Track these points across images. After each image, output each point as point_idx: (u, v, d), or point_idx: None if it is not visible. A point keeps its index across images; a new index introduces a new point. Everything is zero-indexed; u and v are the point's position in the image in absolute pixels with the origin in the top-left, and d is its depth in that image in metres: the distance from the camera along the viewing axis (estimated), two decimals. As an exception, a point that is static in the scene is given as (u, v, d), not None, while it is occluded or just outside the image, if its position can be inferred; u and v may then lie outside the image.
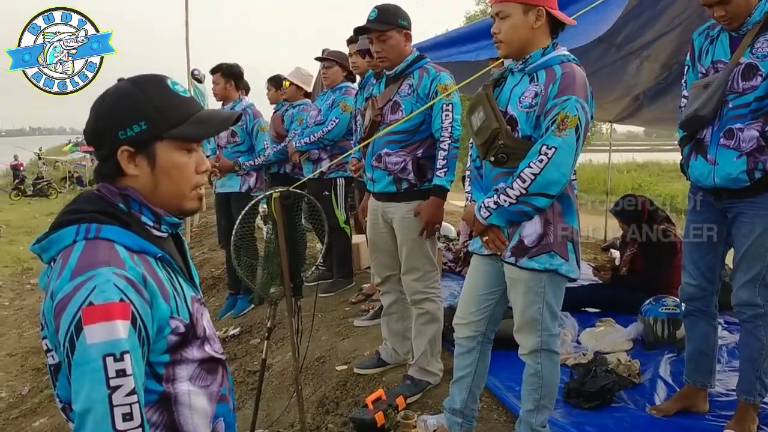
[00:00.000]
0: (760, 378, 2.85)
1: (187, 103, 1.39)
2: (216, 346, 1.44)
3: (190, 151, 1.39)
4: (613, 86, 5.73)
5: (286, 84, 6.00)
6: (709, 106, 2.71)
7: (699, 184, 2.88)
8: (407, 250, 3.40)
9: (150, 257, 1.31)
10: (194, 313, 1.36)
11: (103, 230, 1.27)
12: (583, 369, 3.33)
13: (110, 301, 1.17)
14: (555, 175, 2.34)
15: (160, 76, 1.40)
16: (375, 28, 3.27)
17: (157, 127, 1.33)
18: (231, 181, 5.50)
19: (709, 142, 2.78)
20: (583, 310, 4.71)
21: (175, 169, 1.37)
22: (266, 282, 3.25)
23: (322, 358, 4.22)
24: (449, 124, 3.22)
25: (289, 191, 3.02)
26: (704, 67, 2.85)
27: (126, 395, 1.15)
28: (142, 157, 1.33)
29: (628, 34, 4.49)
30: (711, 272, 2.97)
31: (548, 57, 2.45)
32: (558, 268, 2.46)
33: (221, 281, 6.94)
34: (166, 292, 1.29)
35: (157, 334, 1.26)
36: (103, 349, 1.14)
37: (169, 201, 1.39)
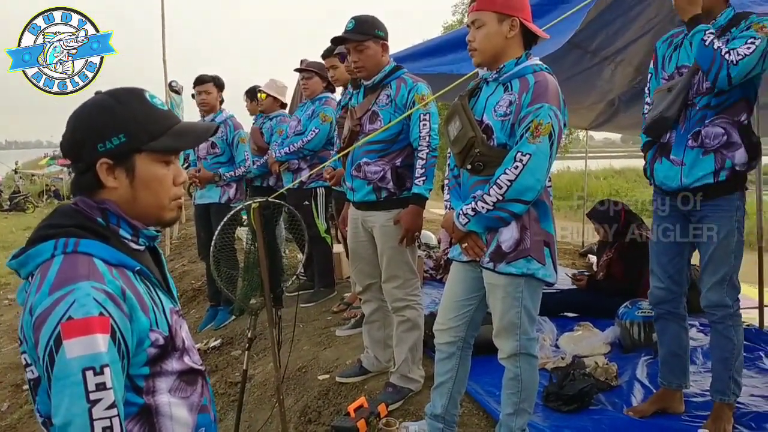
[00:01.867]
0: (732, 377, 2.92)
1: (165, 116, 1.41)
2: (195, 357, 1.45)
3: (168, 163, 1.41)
4: (588, 92, 5.82)
5: (261, 96, 6.02)
6: (674, 108, 2.80)
7: (664, 188, 2.95)
8: (387, 258, 3.43)
9: (128, 270, 1.32)
10: (173, 325, 1.37)
11: (82, 244, 1.27)
12: (562, 373, 3.37)
13: (89, 315, 1.17)
14: (530, 181, 2.39)
15: (138, 89, 1.41)
16: (352, 38, 3.31)
17: (137, 140, 1.34)
18: (210, 192, 5.49)
19: (673, 143, 2.86)
20: (561, 315, 4.77)
21: (154, 181, 1.38)
22: (246, 293, 3.25)
23: (303, 368, 4.23)
24: (427, 133, 3.27)
25: (268, 201, 3.04)
26: (668, 73, 2.94)
27: (106, 408, 1.16)
28: (121, 170, 1.35)
29: (602, 41, 4.58)
30: (678, 275, 3.04)
31: (521, 66, 2.51)
32: (535, 272, 2.50)
33: (201, 293, 6.90)
34: (145, 305, 1.30)
35: (136, 347, 1.27)
36: (83, 362, 1.15)
37: (148, 212, 1.40)
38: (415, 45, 4.84)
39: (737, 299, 2.90)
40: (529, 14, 2.56)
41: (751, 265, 4.36)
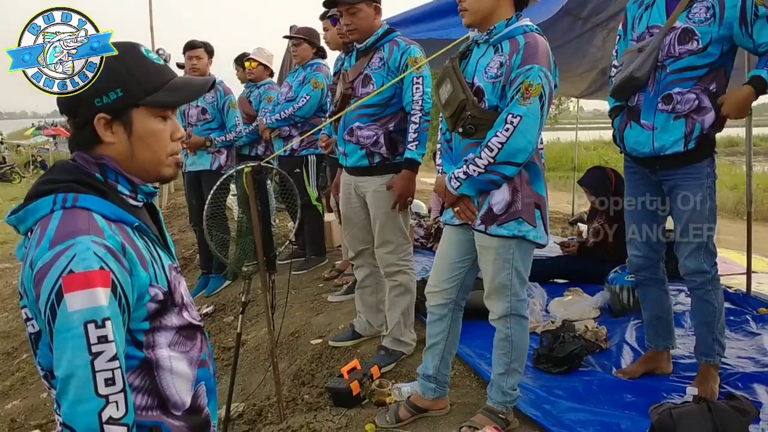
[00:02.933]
0: (716, 339, 2.97)
1: (162, 71, 1.40)
2: (194, 313, 1.47)
3: (165, 119, 1.40)
4: (579, 59, 5.81)
5: (252, 64, 5.97)
6: (644, 68, 2.77)
7: (635, 154, 2.94)
8: (380, 223, 3.44)
9: (127, 226, 1.32)
10: (172, 281, 1.38)
11: (81, 199, 1.27)
12: (552, 335, 3.42)
13: (90, 268, 1.18)
14: (521, 143, 2.40)
15: (134, 44, 1.40)
16: (344, 1, 3.27)
17: (133, 95, 1.34)
18: (201, 159, 5.47)
19: (641, 107, 2.84)
20: (552, 281, 4.82)
21: (151, 136, 1.38)
22: (240, 257, 3.26)
23: (296, 333, 4.26)
24: (420, 97, 3.26)
25: (260, 165, 3.03)
26: (638, 34, 2.90)
27: (108, 361, 1.17)
28: (119, 125, 1.34)
29: (594, 7, 4.56)
30: (654, 242, 3.07)
31: (512, 28, 2.50)
32: (526, 234, 2.52)
33: (192, 262, 6.92)
34: (145, 260, 1.30)
35: (136, 301, 1.28)
36: (85, 315, 1.16)
37: (146, 168, 1.40)
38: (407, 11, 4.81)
39: (714, 264, 2.94)
40: None
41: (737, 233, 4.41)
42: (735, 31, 2.68)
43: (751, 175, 4.58)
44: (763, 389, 2.99)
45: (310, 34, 5.22)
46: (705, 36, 2.68)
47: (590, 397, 3.00)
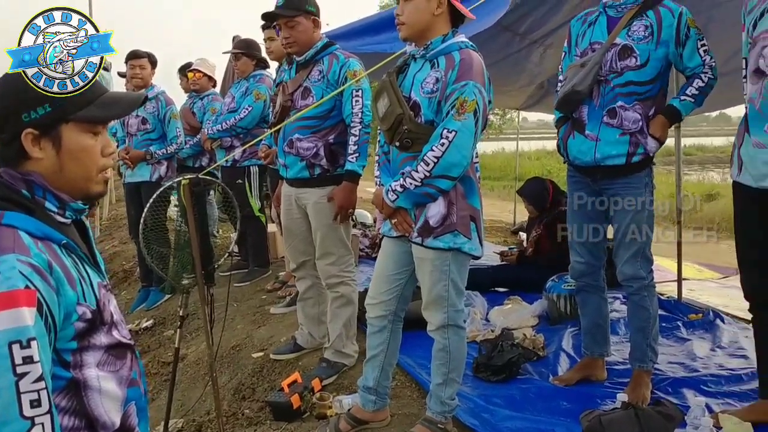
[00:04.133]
0: (650, 345, 3.08)
1: (93, 86, 1.39)
2: (123, 331, 1.44)
3: (96, 134, 1.38)
4: (518, 74, 5.94)
5: (192, 75, 5.91)
6: (585, 82, 2.88)
7: (577, 162, 3.05)
8: (321, 235, 3.44)
9: (54, 244, 1.29)
10: (101, 299, 1.35)
11: (6, 216, 1.24)
12: (491, 344, 3.48)
13: (15, 288, 1.15)
14: (456, 157, 2.44)
15: None
16: (283, 14, 3.28)
17: (63, 110, 1.32)
18: (141, 171, 5.37)
19: (586, 119, 2.96)
20: (492, 290, 4.89)
21: (81, 152, 1.36)
22: (178, 271, 3.22)
23: (237, 347, 4.22)
24: (359, 109, 3.29)
25: (198, 177, 3.00)
26: (581, 50, 3.02)
27: (33, 382, 1.15)
28: (47, 140, 1.32)
29: (531, 24, 4.67)
30: (596, 249, 3.17)
31: (448, 44, 2.55)
32: (461, 246, 2.57)
33: (132, 274, 6.77)
34: (72, 278, 1.28)
35: (63, 320, 1.25)
36: (9, 336, 1.13)
37: (75, 185, 1.38)
38: (349, 24, 4.84)
39: (651, 270, 3.05)
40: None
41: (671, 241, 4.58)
42: (671, 51, 2.83)
43: (681, 185, 4.77)
44: (692, 393, 3.09)
45: (248, 47, 5.22)
46: (643, 53, 2.82)
47: (527, 404, 3.06)
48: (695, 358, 3.60)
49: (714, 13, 3.83)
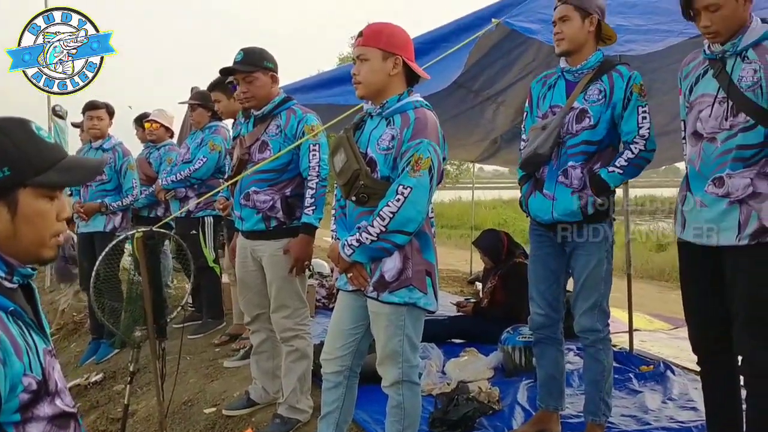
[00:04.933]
0: (603, 399, 3.11)
1: (52, 149, 1.36)
2: (67, 399, 1.40)
3: (52, 198, 1.36)
4: (472, 129, 6.08)
5: (153, 126, 5.90)
6: (546, 145, 2.99)
7: (538, 219, 3.14)
8: (276, 287, 3.42)
9: (1, 312, 1.26)
10: (46, 367, 1.31)
11: None
12: (447, 398, 3.47)
13: None
14: (412, 212, 2.48)
15: (24, 119, 1.36)
16: (241, 69, 3.33)
17: (22, 174, 1.29)
18: (95, 221, 5.27)
19: (545, 179, 3.06)
20: (449, 341, 4.90)
21: (37, 217, 1.33)
22: (129, 325, 3.16)
23: (190, 402, 4.11)
24: (316, 163, 3.33)
25: (152, 231, 2.98)
26: (542, 112, 3.14)
27: None
28: (2, 204, 1.29)
29: (484, 81, 4.83)
30: (556, 301, 3.22)
31: (403, 102, 2.62)
32: (417, 301, 2.59)
33: (83, 326, 6.57)
34: (19, 348, 1.24)
35: (9, 393, 1.21)
36: None
37: (28, 249, 1.35)
38: (305, 78, 4.93)
39: (607, 324, 3.11)
40: (412, 54, 2.68)
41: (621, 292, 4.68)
42: (616, 113, 2.95)
43: (629, 239, 4.90)
44: (643, 446, 3.13)
45: (204, 99, 5.25)
46: (596, 114, 2.94)
47: (483, 460, 3.05)
48: (647, 410, 3.65)
49: (657, 75, 4.01)
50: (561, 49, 2.98)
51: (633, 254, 5.03)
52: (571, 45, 2.95)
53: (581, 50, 2.97)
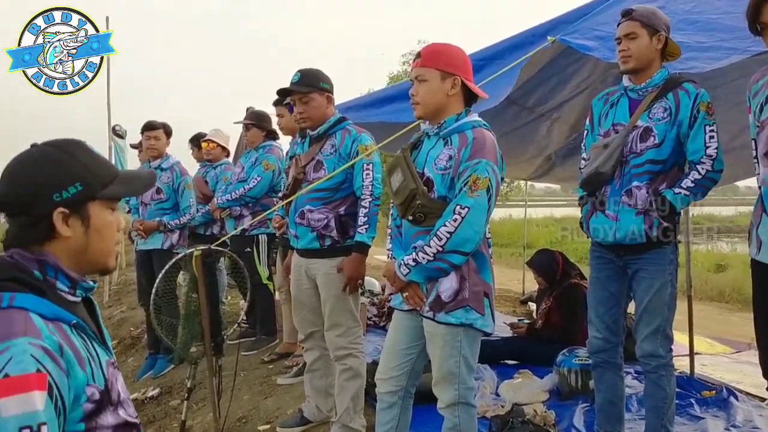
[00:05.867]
0: (665, 426, 3.01)
1: (109, 164, 1.46)
2: (130, 410, 1.43)
3: (113, 210, 1.44)
4: (526, 146, 6.03)
5: (206, 145, 6.03)
6: (609, 164, 2.93)
7: (599, 241, 3.07)
8: (330, 306, 3.44)
9: (65, 324, 1.29)
10: (109, 378, 1.35)
11: (17, 299, 1.25)
12: (501, 421, 3.41)
13: (27, 372, 1.15)
14: (469, 233, 2.47)
15: (77, 140, 1.44)
16: (297, 90, 3.38)
17: (92, 188, 1.37)
18: (153, 239, 5.41)
19: (607, 199, 2.99)
20: (502, 363, 4.83)
21: (105, 228, 1.41)
22: (186, 341, 3.21)
23: (244, 418, 4.15)
24: (370, 182, 3.34)
25: (210, 249, 3.03)
26: (604, 130, 3.08)
27: None
28: (76, 218, 1.36)
29: (538, 98, 4.78)
30: (615, 325, 3.13)
31: (461, 122, 2.61)
32: (473, 322, 2.56)
33: (140, 340, 6.73)
34: (82, 359, 1.28)
35: (73, 402, 1.24)
36: (20, 421, 1.12)
37: (97, 260, 1.42)
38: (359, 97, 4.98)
39: (670, 350, 3.02)
40: (470, 74, 2.68)
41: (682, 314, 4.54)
42: (682, 131, 2.88)
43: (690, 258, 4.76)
44: (707, 476, 3.01)
45: (258, 119, 5.35)
46: (660, 133, 2.87)
47: (539, 485, 2.98)
48: (710, 437, 3.52)
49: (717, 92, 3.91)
50: (628, 67, 2.92)
51: (692, 275, 4.88)
52: (639, 63, 2.89)
53: (648, 68, 2.92)
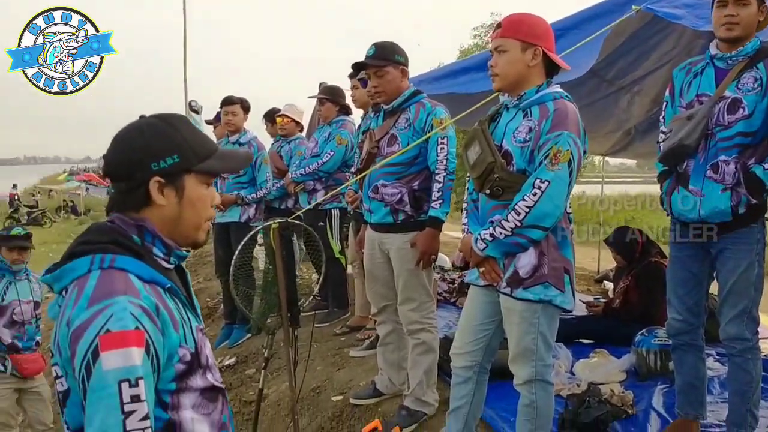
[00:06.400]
0: (750, 410, 2.89)
1: (209, 140, 1.50)
2: (216, 375, 1.48)
3: (208, 185, 1.48)
4: (605, 120, 5.84)
5: (280, 120, 6.09)
6: (693, 136, 2.77)
7: (682, 218, 2.92)
8: (404, 280, 3.44)
9: (160, 287, 1.35)
10: (198, 342, 1.40)
11: (118, 260, 1.31)
12: (577, 399, 3.35)
13: (126, 328, 1.21)
14: (549, 207, 2.41)
15: (183, 115, 1.51)
16: (372, 64, 3.36)
17: (188, 161, 1.41)
18: (231, 212, 5.54)
19: (690, 173, 2.84)
20: (576, 342, 4.74)
21: (198, 201, 1.45)
22: (264, 312, 3.28)
23: (317, 389, 4.23)
24: (444, 156, 3.30)
25: (287, 222, 3.07)
26: (686, 101, 2.92)
27: (140, 420, 1.19)
28: (171, 189, 1.40)
29: (619, 70, 4.61)
30: (696, 306, 3.00)
31: (542, 94, 2.53)
32: (552, 299, 2.51)
33: (216, 311, 6.94)
34: (176, 321, 1.33)
35: (166, 362, 1.30)
36: (119, 375, 1.18)
37: (187, 232, 1.47)
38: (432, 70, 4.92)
39: (756, 332, 2.88)
40: (552, 44, 2.59)
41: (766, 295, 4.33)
42: None
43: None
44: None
45: (332, 93, 5.36)
46: (750, 104, 2.71)
47: (617, 465, 2.93)
48: (800, 424, 3.35)
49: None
50: (732, 35, 2.72)
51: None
52: (744, 31, 2.71)
53: (747, 38, 2.74)
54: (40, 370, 4.55)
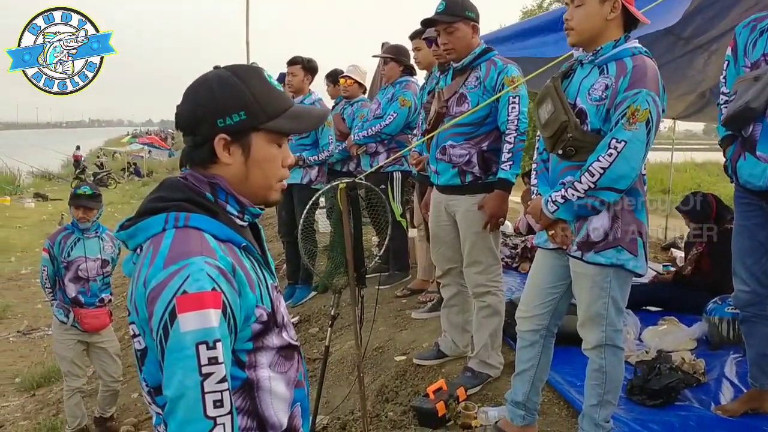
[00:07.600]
0: None
1: (283, 97, 1.42)
2: (292, 332, 1.46)
3: (280, 145, 1.41)
4: (678, 81, 5.61)
5: (343, 81, 6.05)
6: (761, 99, 2.58)
7: (749, 186, 2.76)
8: (470, 243, 3.41)
9: (235, 246, 1.33)
10: (274, 301, 1.38)
11: (192, 219, 1.29)
12: (647, 366, 3.29)
13: (203, 290, 1.19)
14: (625, 169, 2.33)
15: (259, 68, 1.42)
16: (442, 20, 3.28)
17: (256, 119, 1.35)
18: (293, 173, 5.56)
19: (758, 138, 2.65)
20: (644, 309, 4.64)
21: (266, 161, 1.39)
22: (330, 271, 3.31)
23: (380, 348, 4.28)
24: (515, 116, 3.22)
25: (354, 182, 3.07)
26: (751, 61, 2.73)
27: (217, 382, 1.17)
28: (237, 147, 1.35)
29: (697, 27, 4.40)
30: (765, 276, 2.87)
31: (619, 49, 2.43)
32: (625, 263, 2.44)
33: (278, 271, 7.06)
34: (252, 281, 1.31)
35: (243, 322, 1.28)
36: (197, 336, 1.17)
37: (256, 191, 1.41)
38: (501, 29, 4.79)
39: None
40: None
41: None
42: None
43: None
44: None
45: (397, 53, 5.29)
46: None
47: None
48: None
49: None
50: None
51: None
52: None
53: None
54: (102, 326, 4.67)
